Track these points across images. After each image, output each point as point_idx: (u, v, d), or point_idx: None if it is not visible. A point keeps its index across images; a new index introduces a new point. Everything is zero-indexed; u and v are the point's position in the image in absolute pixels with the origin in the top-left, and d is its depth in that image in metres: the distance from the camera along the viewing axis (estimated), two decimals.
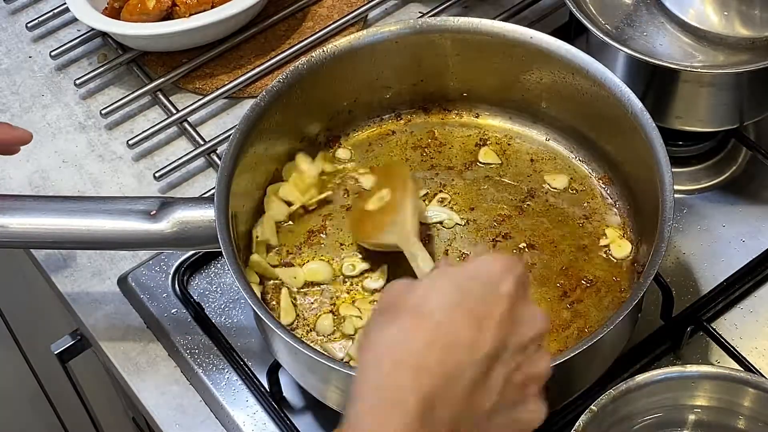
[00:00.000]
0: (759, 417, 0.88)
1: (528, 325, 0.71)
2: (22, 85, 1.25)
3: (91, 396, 1.36)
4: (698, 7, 1.09)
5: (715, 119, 1.08)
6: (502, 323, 0.69)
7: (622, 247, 1.00)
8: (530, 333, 0.70)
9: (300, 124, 1.06)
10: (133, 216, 0.94)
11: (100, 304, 1.07)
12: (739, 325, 1.02)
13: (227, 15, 1.19)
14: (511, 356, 0.69)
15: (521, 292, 0.71)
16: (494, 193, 1.05)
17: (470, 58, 1.06)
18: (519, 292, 0.71)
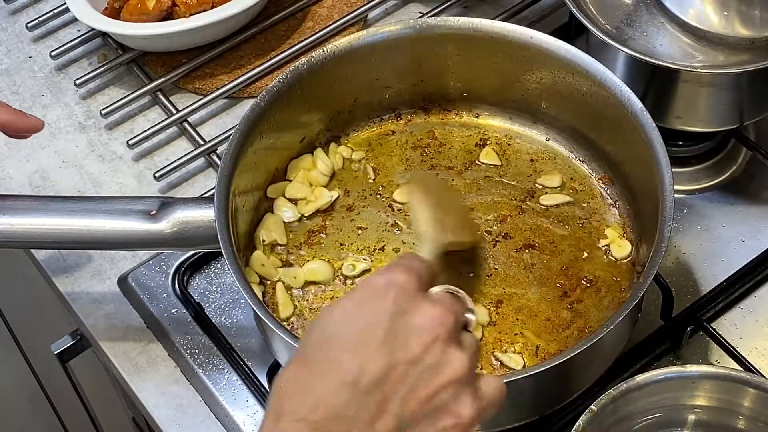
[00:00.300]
0: (759, 417, 0.88)
1: (417, 335, 0.68)
2: (22, 85, 1.25)
3: (91, 396, 1.36)
4: (698, 7, 1.09)
5: (715, 119, 1.08)
6: (383, 343, 0.67)
7: (622, 247, 1.00)
8: (420, 342, 0.68)
9: (300, 124, 1.06)
10: (133, 216, 0.94)
11: (100, 304, 1.07)
12: (739, 325, 1.02)
13: (227, 15, 1.19)
14: (406, 373, 0.68)
15: (408, 305, 0.69)
16: (494, 193, 1.05)
17: (470, 58, 1.06)
18: (404, 306, 0.69)
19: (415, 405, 0.67)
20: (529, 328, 0.96)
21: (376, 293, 0.70)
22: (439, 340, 0.69)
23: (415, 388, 0.68)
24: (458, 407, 0.69)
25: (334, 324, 0.69)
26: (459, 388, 0.69)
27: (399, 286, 0.70)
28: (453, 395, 0.69)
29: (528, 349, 0.95)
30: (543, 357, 0.94)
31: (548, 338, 0.95)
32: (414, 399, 0.68)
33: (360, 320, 0.69)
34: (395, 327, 0.68)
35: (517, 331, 0.96)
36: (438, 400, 0.68)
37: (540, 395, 0.90)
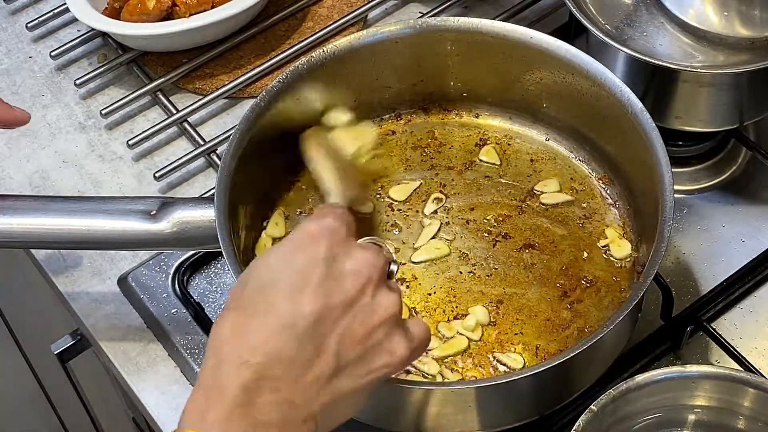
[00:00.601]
0: (759, 417, 0.88)
1: (352, 278, 0.72)
2: (22, 85, 1.25)
3: (91, 396, 1.36)
4: (698, 7, 1.09)
5: (715, 119, 1.08)
6: (319, 288, 0.70)
7: (622, 247, 1.00)
8: (355, 284, 0.71)
9: (299, 124, 1.05)
10: (133, 216, 0.95)
11: (100, 304, 1.07)
12: (739, 325, 1.02)
13: (227, 15, 1.19)
14: (342, 314, 0.71)
15: (340, 249, 0.72)
16: (494, 193, 1.05)
17: (470, 58, 1.07)
18: (336, 251, 0.72)
19: (351, 344, 0.71)
20: (529, 328, 0.96)
21: (310, 239, 0.73)
22: (371, 282, 0.72)
23: (351, 327, 0.71)
24: (391, 345, 0.73)
25: (270, 270, 0.72)
26: (391, 328, 0.73)
27: (331, 232, 0.73)
28: (386, 334, 0.72)
29: (528, 349, 0.95)
30: (543, 357, 0.94)
31: (548, 338, 0.95)
32: (351, 338, 0.71)
33: (295, 265, 0.71)
34: (330, 271, 0.71)
35: (517, 331, 0.96)
36: (373, 339, 0.72)
37: (540, 395, 0.90)
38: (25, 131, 1.21)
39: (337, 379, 0.70)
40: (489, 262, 1.00)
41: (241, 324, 0.70)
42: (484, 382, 0.87)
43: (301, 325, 0.69)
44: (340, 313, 0.71)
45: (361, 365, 0.71)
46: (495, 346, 0.95)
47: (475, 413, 0.88)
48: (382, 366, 0.72)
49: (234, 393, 0.68)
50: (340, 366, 0.70)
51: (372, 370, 0.72)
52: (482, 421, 0.89)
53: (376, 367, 0.72)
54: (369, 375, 0.72)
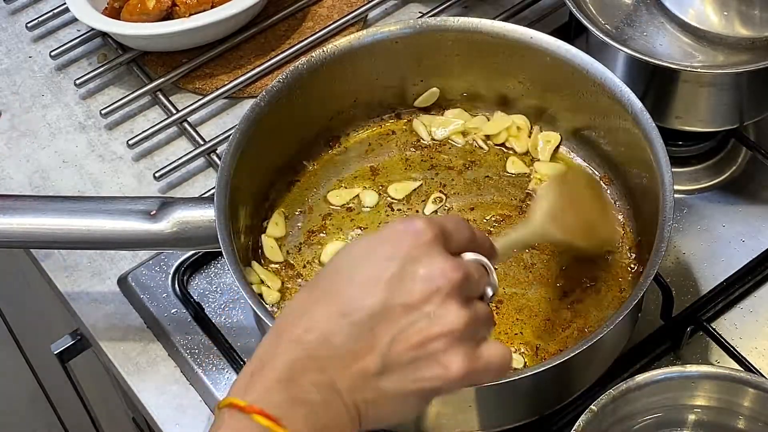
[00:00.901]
0: (759, 417, 0.88)
1: (422, 283, 0.70)
2: (22, 85, 1.25)
3: (91, 396, 1.36)
4: (698, 7, 1.09)
5: (715, 119, 1.08)
6: (385, 284, 0.70)
7: (622, 247, 1.00)
8: (423, 290, 0.70)
9: (300, 123, 1.06)
10: (133, 216, 0.95)
11: (100, 304, 1.07)
12: (739, 325, 1.02)
13: (227, 15, 1.19)
14: (401, 316, 0.70)
15: (419, 253, 0.71)
16: (494, 193, 1.05)
17: (470, 58, 1.06)
18: (414, 253, 0.71)
19: (402, 348, 0.69)
20: (529, 328, 0.96)
21: (395, 237, 0.72)
22: (441, 292, 0.70)
23: (406, 332, 0.70)
24: (447, 359, 0.70)
25: (349, 257, 0.73)
26: (452, 342, 0.70)
27: (416, 234, 0.72)
28: (444, 347, 0.70)
29: (528, 349, 0.95)
30: (543, 357, 0.94)
31: (548, 338, 0.95)
32: (403, 342, 0.69)
33: (372, 258, 0.71)
34: (402, 271, 0.70)
35: (517, 331, 0.96)
36: (428, 349, 0.70)
37: (540, 395, 0.90)
38: (25, 131, 1.21)
39: (384, 378, 0.70)
40: None
41: (306, 303, 0.71)
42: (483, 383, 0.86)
43: (358, 316, 0.69)
44: (400, 314, 0.70)
45: (410, 371, 0.70)
46: None
47: (475, 413, 0.88)
48: (433, 377, 0.70)
49: (280, 367, 0.69)
50: (387, 365, 0.70)
51: (421, 378, 0.70)
52: (482, 421, 0.89)
53: (427, 377, 0.70)
54: (417, 383, 0.70)
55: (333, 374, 0.69)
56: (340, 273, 0.72)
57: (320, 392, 0.69)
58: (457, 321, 0.70)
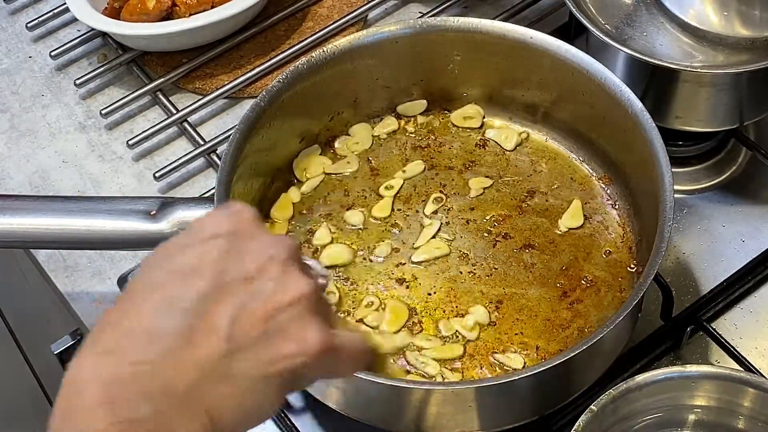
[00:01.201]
0: (759, 417, 0.88)
1: (253, 255, 0.63)
2: (22, 85, 1.25)
3: None
4: (698, 7, 1.09)
5: (715, 119, 1.08)
6: (214, 262, 0.62)
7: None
8: (257, 261, 0.63)
9: (300, 123, 1.06)
10: (133, 216, 0.94)
11: (100, 304, 1.07)
12: (739, 325, 1.02)
13: (227, 15, 1.19)
14: (238, 291, 0.61)
15: (246, 229, 0.65)
16: (494, 193, 1.05)
17: (470, 58, 1.06)
18: (240, 228, 0.64)
19: (248, 324, 0.61)
20: (529, 328, 0.96)
21: (213, 220, 0.66)
22: (276, 262, 0.64)
23: (249, 306, 0.62)
24: (301, 332, 0.62)
25: (165, 252, 0.65)
26: (303, 312, 0.63)
27: (237, 213, 0.66)
28: (294, 319, 0.63)
29: (528, 349, 0.95)
30: (543, 357, 0.94)
31: (548, 338, 0.95)
32: (247, 317, 0.61)
33: (193, 245, 0.64)
34: (229, 247, 0.63)
35: (517, 331, 0.96)
36: (278, 321, 0.62)
37: (540, 395, 0.90)
38: (25, 131, 1.21)
39: (234, 362, 0.60)
40: (489, 262, 1.00)
41: (117, 311, 0.62)
42: (484, 382, 0.86)
43: (188, 300, 0.61)
44: (237, 289, 0.62)
45: (263, 349, 0.61)
46: (495, 346, 0.95)
47: (475, 413, 0.88)
48: (289, 354, 0.62)
49: (92, 391, 0.58)
50: (234, 347, 0.60)
51: (277, 356, 0.61)
52: (482, 421, 0.89)
53: (283, 353, 0.62)
54: (276, 363, 0.61)
55: (168, 374, 0.59)
56: (158, 266, 0.63)
57: (153, 403, 0.58)
58: (304, 286, 0.63)
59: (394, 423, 0.91)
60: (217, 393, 0.60)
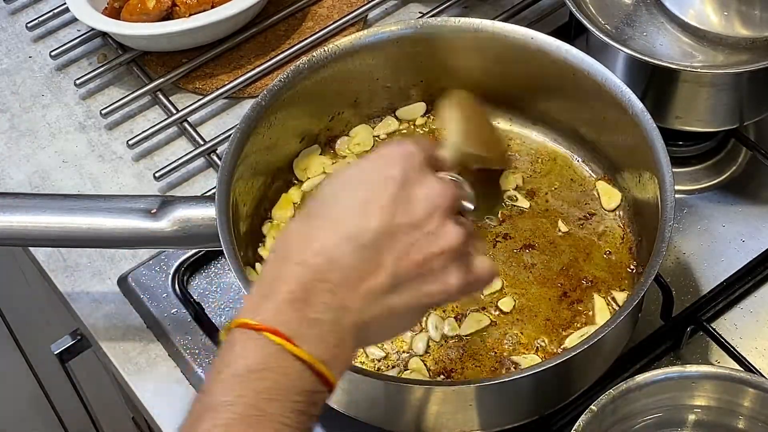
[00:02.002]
0: (759, 417, 0.88)
1: (422, 203, 0.73)
2: (22, 85, 1.25)
3: (91, 396, 1.36)
4: (698, 7, 1.09)
5: (715, 119, 1.08)
6: (387, 205, 0.72)
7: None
8: (424, 210, 0.73)
9: (300, 123, 1.06)
10: (133, 214, 0.94)
11: (100, 304, 1.07)
12: (739, 325, 1.02)
13: (227, 15, 1.19)
14: (404, 235, 0.72)
15: (415, 175, 0.74)
16: None
17: (470, 58, 1.06)
18: (411, 175, 0.73)
19: (407, 266, 0.72)
20: (529, 328, 0.96)
21: (388, 159, 0.74)
22: (439, 212, 0.74)
23: (410, 250, 0.72)
24: (446, 276, 0.74)
25: (343, 183, 0.75)
26: (450, 259, 0.74)
27: (408, 156, 0.74)
28: (444, 264, 0.74)
29: (528, 349, 0.95)
30: (543, 357, 0.94)
31: (548, 338, 0.95)
32: (408, 260, 0.72)
33: (367, 183, 0.73)
34: (401, 192, 0.73)
35: (517, 331, 0.96)
36: (430, 266, 0.73)
37: (540, 395, 0.90)
38: (25, 131, 1.21)
39: (391, 296, 0.72)
40: None
41: (306, 230, 0.73)
42: (484, 382, 0.87)
43: (365, 238, 0.71)
44: (404, 234, 0.72)
45: (414, 288, 0.73)
46: (495, 346, 0.95)
47: (475, 413, 0.88)
48: (435, 292, 0.74)
49: (291, 288, 0.70)
50: (394, 284, 0.72)
51: (425, 294, 0.73)
52: (482, 421, 0.89)
53: (430, 292, 0.73)
54: (422, 299, 0.73)
55: (343, 295, 0.71)
56: (338, 198, 0.74)
57: (331, 313, 0.70)
58: (455, 239, 0.74)
59: (394, 423, 0.91)
60: (374, 314, 0.72)
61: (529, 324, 0.96)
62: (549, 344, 0.95)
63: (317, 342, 0.70)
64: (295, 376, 0.69)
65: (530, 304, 0.97)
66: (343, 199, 0.73)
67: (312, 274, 0.70)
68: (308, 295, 0.70)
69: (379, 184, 0.73)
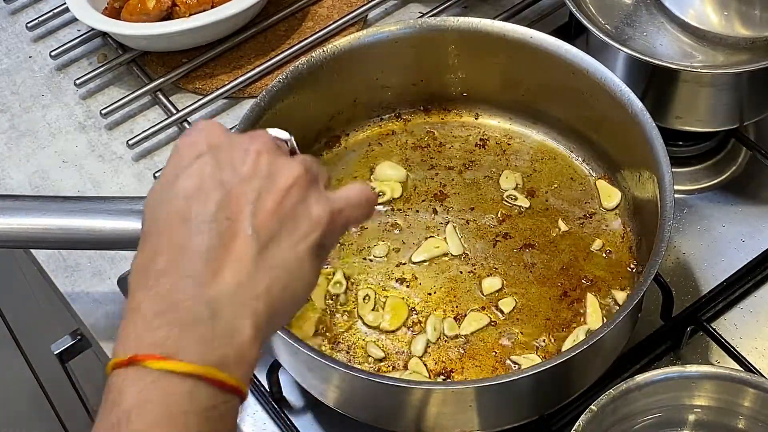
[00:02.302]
0: (759, 417, 0.88)
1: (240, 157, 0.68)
2: (22, 85, 1.25)
3: (91, 396, 1.36)
4: (698, 7, 1.09)
5: (715, 119, 1.08)
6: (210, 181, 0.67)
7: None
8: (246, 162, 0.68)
9: (300, 123, 1.06)
10: (133, 216, 0.94)
11: (100, 304, 1.07)
12: (739, 325, 1.02)
13: (227, 15, 1.19)
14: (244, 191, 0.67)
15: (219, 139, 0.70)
16: (494, 193, 1.05)
17: (470, 58, 1.06)
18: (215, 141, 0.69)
19: (265, 217, 0.67)
20: (529, 327, 0.96)
21: (187, 144, 0.70)
22: (262, 154, 0.69)
23: (258, 201, 0.67)
24: (308, 209, 0.68)
25: (162, 190, 0.69)
26: (302, 192, 0.69)
27: (203, 130, 0.71)
28: (298, 200, 0.68)
29: (528, 348, 0.95)
30: (543, 357, 0.94)
31: (548, 338, 0.95)
32: (262, 211, 0.67)
33: (182, 175, 0.68)
34: (216, 160, 0.68)
35: (517, 331, 0.96)
36: (285, 206, 0.68)
37: (540, 395, 0.90)
38: (25, 131, 1.21)
39: (267, 255, 0.66)
40: (489, 262, 1.00)
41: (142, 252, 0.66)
42: (484, 382, 0.87)
43: (204, 215, 0.65)
44: (240, 191, 0.67)
45: (286, 236, 0.67)
46: (495, 346, 0.95)
47: (475, 413, 0.88)
48: (308, 231, 0.68)
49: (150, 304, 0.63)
50: (262, 241, 0.66)
51: (300, 237, 0.67)
52: (482, 421, 0.89)
53: (302, 233, 0.67)
54: (300, 244, 0.67)
55: (211, 280, 0.64)
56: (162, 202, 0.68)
57: (206, 306, 0.63)
58: (295, 170, 0.69)
59: (394, 423, 0.91)
60: (262, 285, 0.65)
61: (529, 324, 0.96)
62: (549, 344, 0.95)
63: (201, 347, 0.62)
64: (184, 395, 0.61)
65: (530, 304, 0.97)
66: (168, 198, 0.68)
67: (164, 279, 0.64)
68: (171, 300, 0.63)
69: (193, 166, 0.68)
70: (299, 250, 0.67)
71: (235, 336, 0.63)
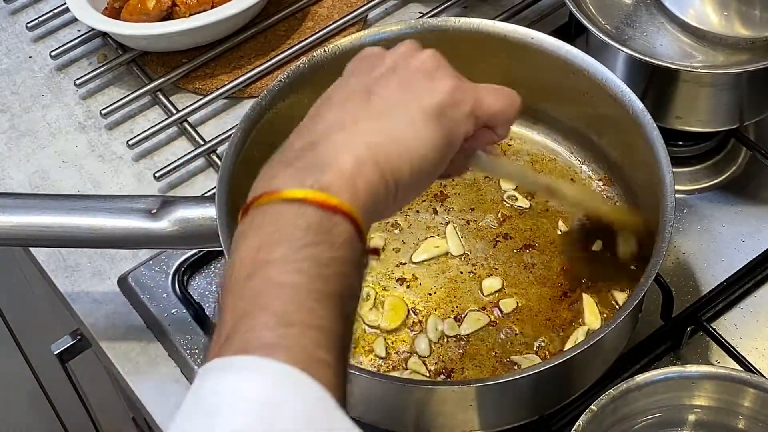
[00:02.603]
0: (759, 417, 0.88)
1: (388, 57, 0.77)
2: (22, 85, 1.25)
3: (91, 396, 1.36)
4: (698, 7, 1.09)
5: (715, 119, 1.08)
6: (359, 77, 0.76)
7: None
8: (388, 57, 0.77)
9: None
10: (133, 214, 0.94)
11: (100, 304, 1.07)
12: (739, 325, 1.02)
13: (227, 15, 1.19)
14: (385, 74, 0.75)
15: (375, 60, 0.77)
16: (494, 193, 1.05)
17: (470, 58, 1.06)
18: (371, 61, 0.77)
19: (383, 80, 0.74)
20: (529, 327, 0.96)
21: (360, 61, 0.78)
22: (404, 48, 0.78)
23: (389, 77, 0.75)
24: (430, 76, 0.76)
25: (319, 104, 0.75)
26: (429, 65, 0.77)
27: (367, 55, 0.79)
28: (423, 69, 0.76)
29: (528, 349, 0.95)
30: (543, 357, 0.94)
31: (548, 338, 0.95)
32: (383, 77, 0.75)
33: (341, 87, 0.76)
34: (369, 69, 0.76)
35: (517, 331, 0.96)
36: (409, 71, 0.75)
37: (540, 395, 0.90)
38: (25, 131, 1.21)
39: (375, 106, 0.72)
40: (489, 262, 1.00)
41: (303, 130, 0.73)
42: (484, 382, 0.87)
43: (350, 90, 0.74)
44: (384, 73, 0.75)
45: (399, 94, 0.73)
46: (495, 346, 0.95)
47: (475, 413, 0.88)
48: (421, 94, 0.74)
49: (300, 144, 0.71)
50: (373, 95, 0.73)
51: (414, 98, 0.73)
52: (482, 421, 0.89)
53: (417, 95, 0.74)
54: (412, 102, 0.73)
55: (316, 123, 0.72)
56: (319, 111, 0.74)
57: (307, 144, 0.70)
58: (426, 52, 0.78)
59: (394, 423, 0.91)
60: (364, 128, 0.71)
61: (529, 324, 0.96)
62: (549, 344, 0.95)
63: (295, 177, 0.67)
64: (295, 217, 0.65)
65: (530, 304, 0.97)
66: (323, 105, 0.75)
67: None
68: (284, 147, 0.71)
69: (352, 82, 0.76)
70: (411, 107, 0.73)
71: (332, 165, 0.67)
